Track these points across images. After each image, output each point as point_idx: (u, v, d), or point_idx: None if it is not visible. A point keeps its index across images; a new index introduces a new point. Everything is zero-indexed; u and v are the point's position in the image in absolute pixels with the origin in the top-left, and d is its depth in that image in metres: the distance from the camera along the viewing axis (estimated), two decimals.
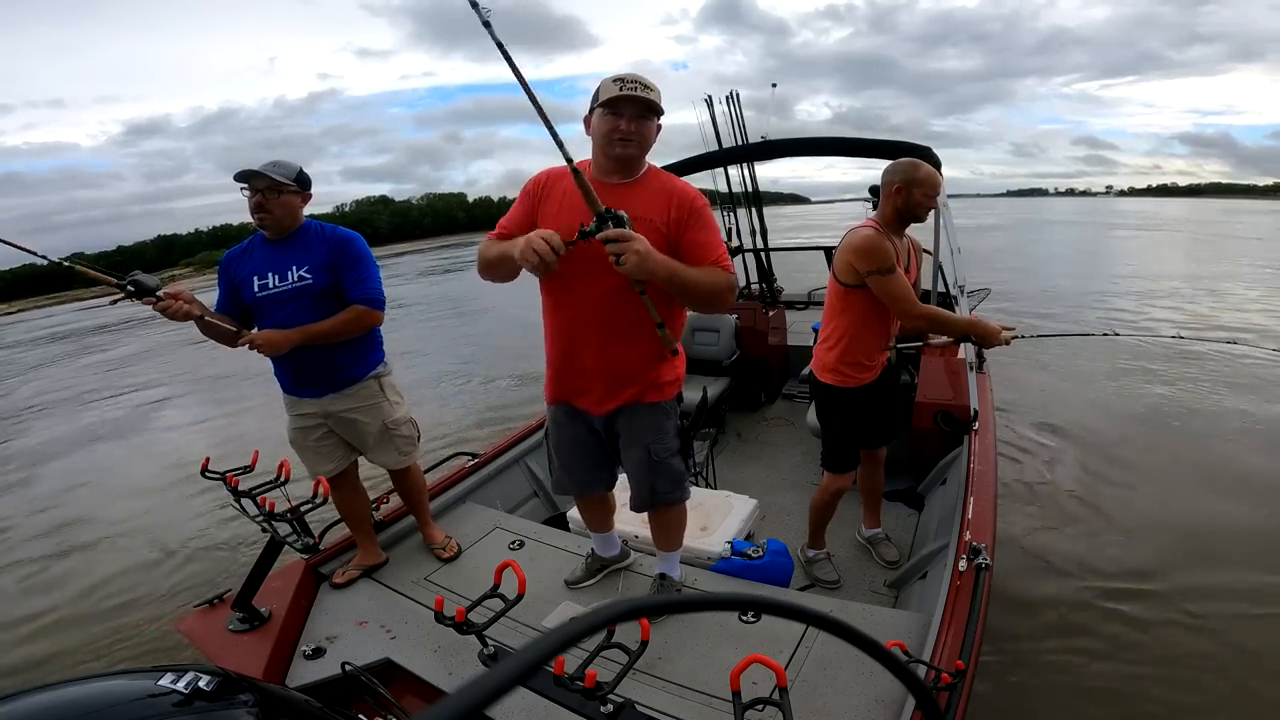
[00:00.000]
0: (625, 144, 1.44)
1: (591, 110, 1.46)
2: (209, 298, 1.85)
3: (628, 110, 1.42)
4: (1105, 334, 3.12)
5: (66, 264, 1.67)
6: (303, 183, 1.85)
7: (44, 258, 1.65)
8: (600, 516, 1.92)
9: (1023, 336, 2.27)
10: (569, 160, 1.30)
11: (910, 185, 1.94)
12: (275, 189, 1.78)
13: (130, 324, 16.49)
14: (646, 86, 1.41)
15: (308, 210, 1.92)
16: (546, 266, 1.30)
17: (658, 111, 1.45)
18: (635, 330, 1.51)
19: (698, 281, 1.44)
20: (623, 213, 1.29)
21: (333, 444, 2.00)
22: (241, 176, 1.78)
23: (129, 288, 1.59)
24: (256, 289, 1.83)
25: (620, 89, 1.40)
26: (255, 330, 1.84)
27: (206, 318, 1.72)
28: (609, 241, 1.27)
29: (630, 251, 1.27)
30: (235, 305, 1.88)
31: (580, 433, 1.73)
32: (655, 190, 1.50)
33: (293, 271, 1.83)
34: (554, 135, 1.27)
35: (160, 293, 1.62)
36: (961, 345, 2.95)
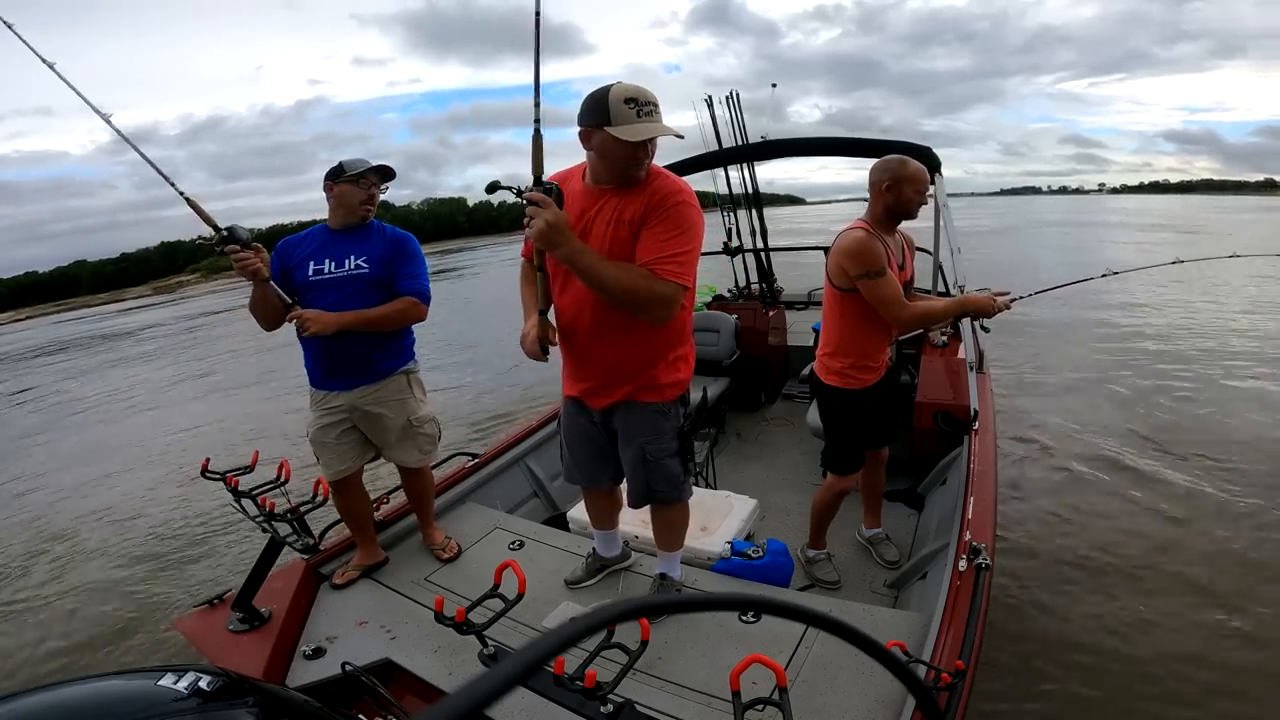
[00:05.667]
0: (640, 165, 1.44)
1: (593, 126, 1.39)
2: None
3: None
4: (1104, 274, 3.01)
5: (185, 196, 1.79)
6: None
7: (179, 190, 1.80)
8: (604, 512, 1.93)
9: (1020, 298, 2.22)
10: (537, 121, 1.37)
11: (899, 182, 1.91)
12: (384, 184, 2.00)
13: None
14: (657, 107, 1.39)
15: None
16: (538, 357, 1.52)
17: None
18: (625, 327, 1.50)
19: (603, 276, 1.36)
20: (553, 184, 1.36)
21: (351, 442, 2.03)
22: (378, 171, 1.96)
23: (224, 233, 1.75)
24: (310, 273, 1.93)
25: (639, 115, 1.36)
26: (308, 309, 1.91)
27: (271, 283, 1.83)
28: (531, 204, 1.32)
29: (539, 217, 1.30)
30: (284, 287, 1.96)
31: (585, 425, 1.74)
32: (645, 191, 1.46)
33: (350, 260, 1.94)
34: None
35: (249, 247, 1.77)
36: (961, 345, 2.95)
